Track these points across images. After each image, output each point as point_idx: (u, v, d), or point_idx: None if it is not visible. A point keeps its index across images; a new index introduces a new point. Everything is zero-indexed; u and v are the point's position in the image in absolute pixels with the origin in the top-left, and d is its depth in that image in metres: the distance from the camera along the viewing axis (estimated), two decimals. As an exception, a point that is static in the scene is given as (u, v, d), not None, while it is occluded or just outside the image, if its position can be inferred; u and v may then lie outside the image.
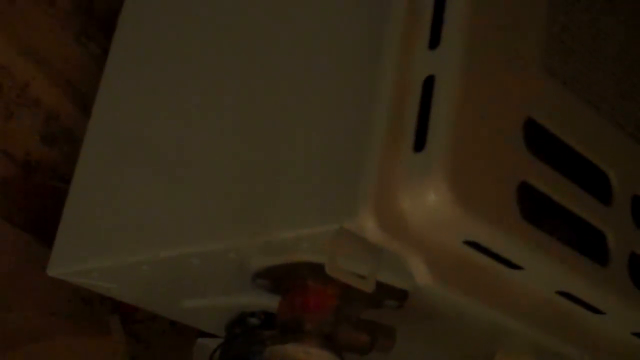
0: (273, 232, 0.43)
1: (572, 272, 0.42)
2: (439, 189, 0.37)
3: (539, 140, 0.42)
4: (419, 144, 0.39)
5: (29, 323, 0.63)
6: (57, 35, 0.65)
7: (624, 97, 0.47)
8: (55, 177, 0.65)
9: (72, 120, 0.65)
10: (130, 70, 0.61)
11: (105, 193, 0.57)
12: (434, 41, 0.41)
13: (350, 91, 0.42)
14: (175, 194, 0.50)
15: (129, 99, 0.60)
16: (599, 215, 0.44)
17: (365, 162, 0.39)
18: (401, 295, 0.46)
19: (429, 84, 0.40)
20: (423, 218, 0.38)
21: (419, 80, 0.40)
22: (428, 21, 0.41)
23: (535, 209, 0.42)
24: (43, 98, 0.64)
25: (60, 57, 0.65)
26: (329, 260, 0.39)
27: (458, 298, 0.41)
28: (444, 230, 0.39)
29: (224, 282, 0.51)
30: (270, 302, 0.50)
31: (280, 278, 0.47)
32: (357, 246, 0.39)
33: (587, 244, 0.45)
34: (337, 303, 0.45)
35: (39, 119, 0.64)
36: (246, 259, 0.47)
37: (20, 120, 0.63)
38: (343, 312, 0.46)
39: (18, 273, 0.63)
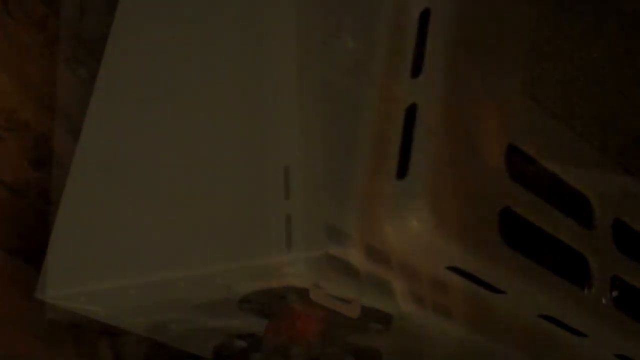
0: (258, 258, 0.43)
1: (554, 296, 0.43)
2: (421, 215, 0.38)
3: (521, 166, 0.43)
4: (402, 171, 0.39)
5: (14, 348, 0.63)
6: (47, 60, 0.66)
7: (605, 123, 0.48)
8: (44, 200, 0.65)
9: (60, 145, 0.65)
10: (118, 94, 0.62)
11: (93, 217, 0.58)
12: (417, 70, 0.41)
13: (335, 119, 0.42)
14: (162, 219, 0.51)
15: (116, 123, 0.61)
16: (580, 240, 0.45)
17: (349, 189, 0.39)
18: (386, 319, 0.46)
19: (411, 112, 0.41)
20: (406, 244, 0.39)
21: (401, 109, 0.41)
22: (410, 50, 0.42)
23: (518, 234, 0.43)
24: (31, 122, 0.64)
25: (49, 82, 0.66)
26: (313, 286, 0.40)
27: (441, 322, 0.42)
28: (427, 256, 0.40)
29: (211, 306, 0.51)
30: (257, 324, 0.51)
31: (267, 302, 0.47)
32: (342, 272, 0.40)
33: (570, 268, 0.45)
34: (323, 327, 0.46)
35: (27, 143, 0.64)
36: (233, 284, 0.47)
37: (8, 144, 0.63)
38: (329, 335, 0.46)
39: (4, 296, 0.63)
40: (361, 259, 0.38)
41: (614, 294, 0.46)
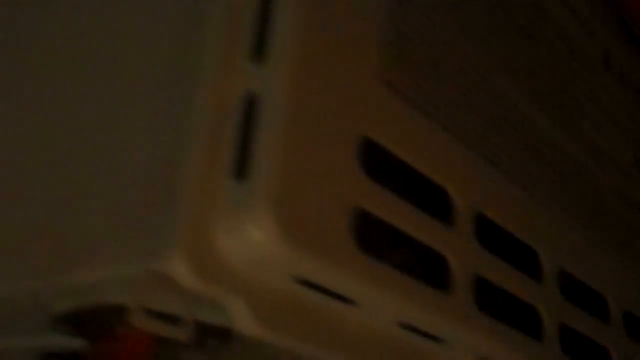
0: (72, 274, 0.36)
1: (411, 302, 0.39)
2: (264, 223, 0.32)
3: (377, 161, 0.39)
4: (240, 172, 0.34)
5: None
6: None
7: (466, 110, 0.44)
8: None
9: None
10: None
11: None
12: (259, 54, 0.36)
13: (161, 111, 0.36)
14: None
15: None
16: (439, 237, 0.41)
17: (175, 195, 0.33)
18: (225, 334, 0.41)
19: (252, 103, 0.35)
20: (245, 256, 0.33)
21: (240, 99, 0.35)
22: (252, 31, 0.36)
23: (373, 236, 0.38)
24: None
25: None
26: (134, 309, 0.34)
27: (289, 342, 0.37)
28: (269, 268, 0.34)
29: (23, 324, 0.44)
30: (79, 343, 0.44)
31: (87, 322, 0.41)
32: (168, 290, 0.34)
33: (431, 271, 0.41)
34: (154, 348, 0.40)
35: None
36: (47, 302, 0.40)
37: None
38: (162, 356, 0.40)
39: None
40: (189, 277, 0.32)
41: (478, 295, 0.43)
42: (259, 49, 0.35)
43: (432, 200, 0.42)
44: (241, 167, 0.33)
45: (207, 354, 0.43)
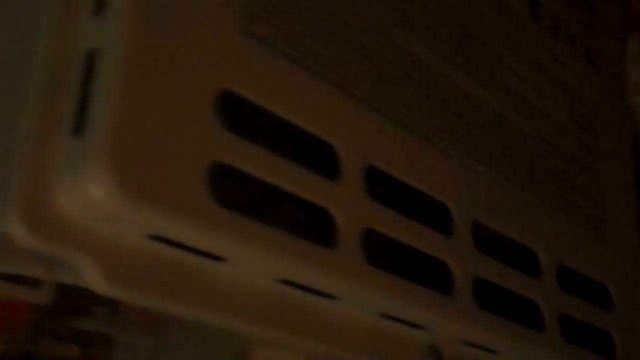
0: None
1: (286, 257, 0.38)
2: (101, 178, 0.32)
3: (241, 115, 0.38)
4: (78, 127, 0.33)
5: None
6: None
7: (352, 63, 0.43)
8: None
9: None
10: None
11: None
12: (99, 6, 0.35)
13: (1, 71, 0.36)
14: None
15: None
16: (319, 191, 0.40)
17: (12, 155, 0.33)
18: (112, 301, 0.41)
19: (93, 58, 0.34)
20: (89, 214, 0.33)
21: (81, 53, 0.34)
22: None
23: (239, 191, 0.37)
24: None
25: None
26: (-18, 272, 0.33)
27: (154, 303, 0.36)
28: (119, 226, 0.33)
29: None
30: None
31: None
32: (20, 251, 0.33)
33: (315, 224, 0.40)
34: (34, 316, 0.39)
35: None
36: None
37: None
38: (45, 324, 0.40)
39: None
40: (28, 238, 0.32)
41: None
42: (100, 3, 0.34)
43: (319, 156, 0.41)
44: (79, 124, 0.33)
45: (99, 321, 0.43)
